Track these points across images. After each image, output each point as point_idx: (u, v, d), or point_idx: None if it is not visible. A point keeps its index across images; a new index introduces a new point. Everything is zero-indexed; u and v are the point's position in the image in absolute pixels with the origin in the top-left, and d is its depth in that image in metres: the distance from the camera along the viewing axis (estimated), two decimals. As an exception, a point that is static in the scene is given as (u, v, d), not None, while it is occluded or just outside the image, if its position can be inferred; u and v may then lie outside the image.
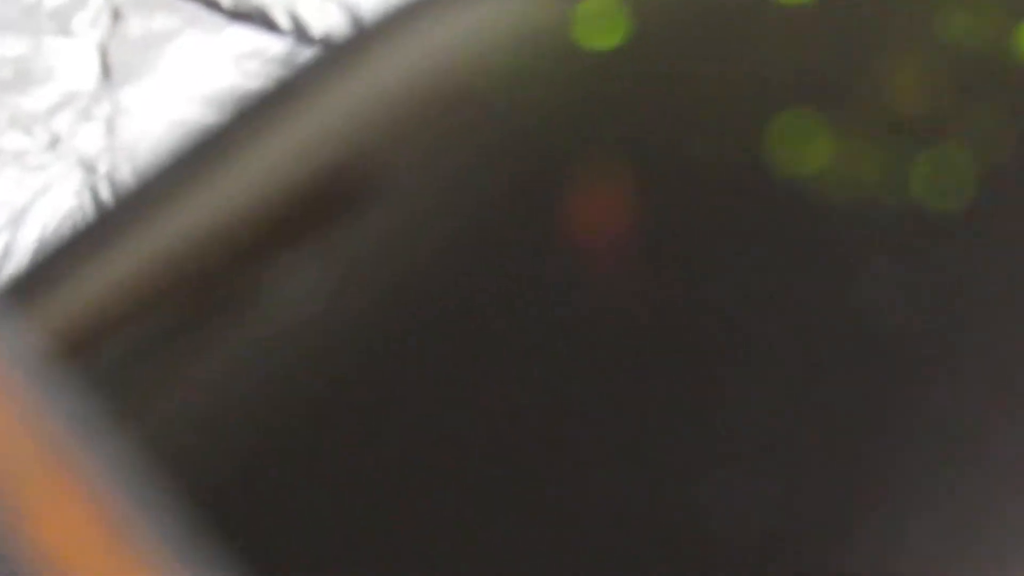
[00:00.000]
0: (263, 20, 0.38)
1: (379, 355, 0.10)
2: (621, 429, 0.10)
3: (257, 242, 0.10)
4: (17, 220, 0.38)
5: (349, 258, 0.10)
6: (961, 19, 0.10)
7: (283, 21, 0.39)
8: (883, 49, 0.10)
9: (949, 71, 0.10)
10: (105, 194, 0.38)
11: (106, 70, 0.37)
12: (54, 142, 0.37)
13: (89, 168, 0.38)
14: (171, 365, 0.10)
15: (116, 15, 0.39)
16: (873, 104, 0.10)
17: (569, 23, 0.11)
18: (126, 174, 0.38)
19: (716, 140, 0.10)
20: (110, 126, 0.38)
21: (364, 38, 0.12)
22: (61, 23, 0.38)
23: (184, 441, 0.09)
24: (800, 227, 0.10)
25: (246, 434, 0.09)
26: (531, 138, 0.10)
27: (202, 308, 0.10)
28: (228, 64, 0.36)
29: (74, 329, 0.10)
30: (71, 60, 0.38)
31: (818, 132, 0.10)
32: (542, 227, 0.09)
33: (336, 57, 0.11)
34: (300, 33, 0.39)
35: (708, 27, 0.10)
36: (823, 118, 0.10)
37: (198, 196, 0.11)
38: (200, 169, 0.11)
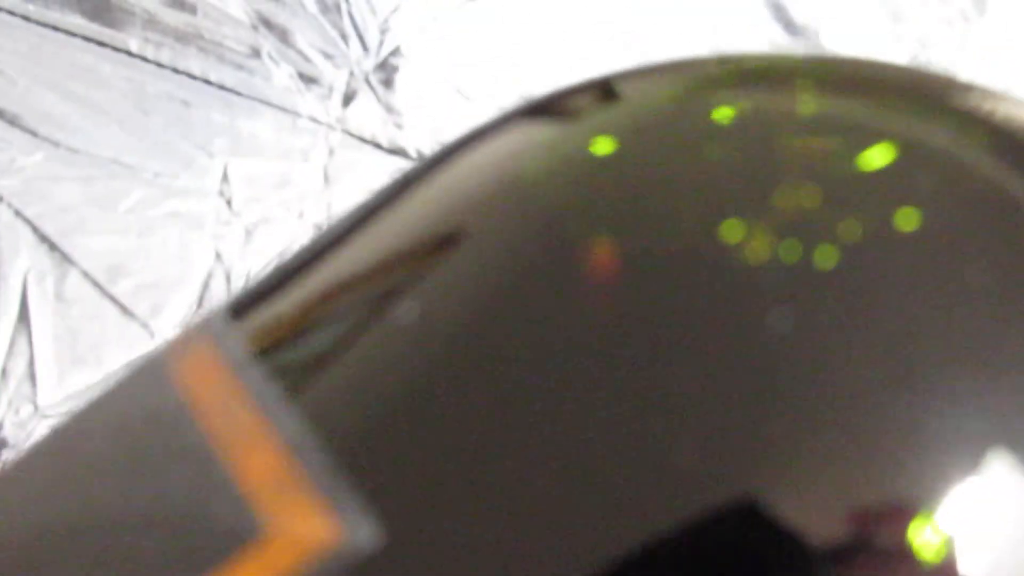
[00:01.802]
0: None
1: (463, 356, 0.13)
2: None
3: (388, 274, 0.14)
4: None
5: (454, 283, 0.14)
6: (827, 145, 0.14)
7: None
8: (775, 168, 0.13)
9: (820, 180, 0.13)
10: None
11: (327, 179, 0.50)
12: (300, 214, 0.48)
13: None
14: (329, 360, 0.13)
15: (331, 152, 0.50)
16: (772, 205, 0.13)
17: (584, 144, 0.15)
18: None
19: (671, 227, 0.13)
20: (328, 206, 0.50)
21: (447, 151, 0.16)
22: (304, 157, 0.49)
23: (334, 413, 0.13)
24: (725, 282, 0.13)
25: (380, 409, 0.13)
26: (552, 223, 0.14)
27: (345, 320, 0.14)
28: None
29: (267, 336, 0.14)
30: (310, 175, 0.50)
31: (735, 221, 0.13)
32: (562, 283, 0.13)
33: (432, 162, 0.16)
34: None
35: (668, 147, 0.15)
36: (738, 212, 0.13)
37: (344, 251, 0.15)
38: (345, 234, 0.15)
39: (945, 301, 0.12)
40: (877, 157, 0.13)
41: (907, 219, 0.12)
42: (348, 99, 0.47)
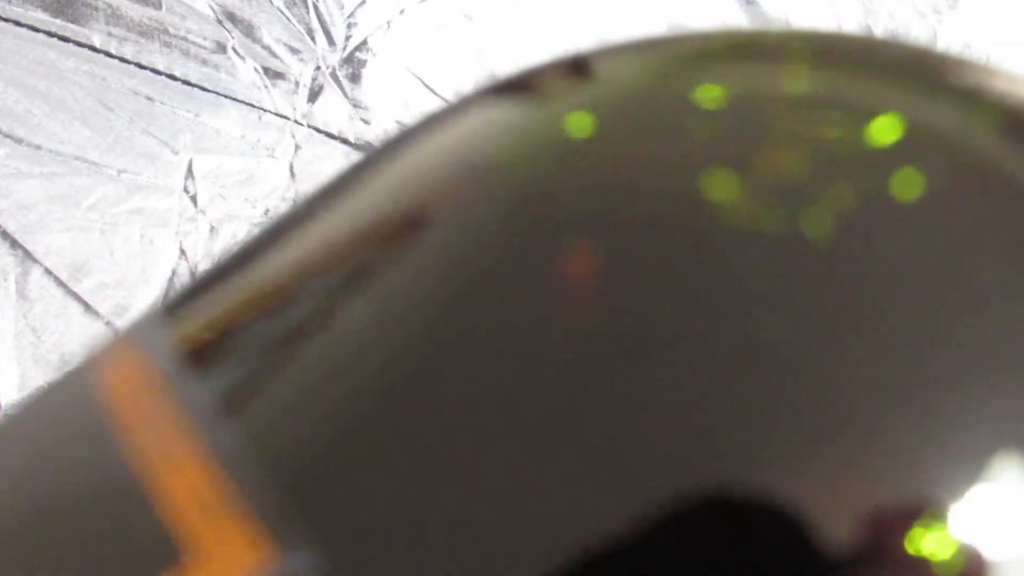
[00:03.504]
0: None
1: (416, 358, 0.12)
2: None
3: (328, 276, 0.13)
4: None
5: (398, 287, 0.12)
6: (825, 117, 0.13)
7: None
8: (770, 138, 0.13)
9: (817, 151, 0.12)
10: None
11: (293, 175, 0.49)
12: (266, 210, 0.49)
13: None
14: (269, 367, 0.12)
15: (298, 147, 0.49)
16: (764, 172, 0.12)
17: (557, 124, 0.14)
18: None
19: (658, 196, 0.12)
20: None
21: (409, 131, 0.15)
22: (270, 152, 0.49)
23: (272, 426, 0.12)
24: (715, 250, 0.12)
25: (323, 424, 0.12)
26: (525, 203, 0.13)
27: (289, 322, 0.13)
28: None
29: (201, 339, 0.13)
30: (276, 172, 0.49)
31: (726, 190, 0.12)
32: (536, 275, 0.12)
33: (390, 145, 0.15)
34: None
35: (652, 125, 0.13)
36: (730, 180, 0.12)
37: (290, 246, 0.14)
38: (289, 223, 0.14)
39: (958, 299, 0.12)
40: (877, 133, 0.12)
41: (910, 187, 0.12)
42: (314, 94, 0.47)
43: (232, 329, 0.13)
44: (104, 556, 0.12)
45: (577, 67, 0.15)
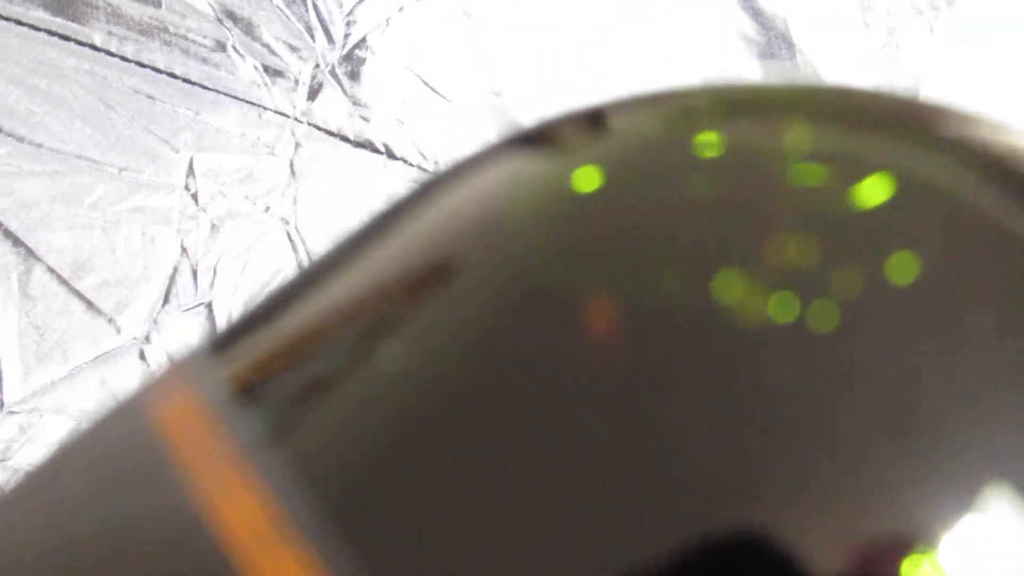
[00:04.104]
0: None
1: (455, 393, 0.13)
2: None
3: (373, 314, 0.14)
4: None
5: (437, 327, 0.13)
6: (814, 182, 0.14)
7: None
8: (765, 214, 0.14)
9: (813, 226, 0.13)
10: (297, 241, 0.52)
11: (293, 172, 0.50)
12: (267, 208, 0.49)
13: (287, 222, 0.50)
14: (314, 403, 0.13)
15: (298, 145, 0.50)
16: (765, 255, 0.13)
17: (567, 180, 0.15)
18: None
19: (661, 260, 0.13)
20: (296, 202, 0.51)
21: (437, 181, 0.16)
22: (270, 150, 0.49)
23: (320, 455, 0.13)
24: (722, 336, 0.13)
25: (368, 455, 0.12)
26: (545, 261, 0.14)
27: (330, 361, 0.14)
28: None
29: (249, 375, 0.14)
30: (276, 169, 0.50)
31: (730, 275, 0.13)
32: (548, 333, 0.13)
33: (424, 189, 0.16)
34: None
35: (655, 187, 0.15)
36: (732, 263, 0.13)
37: (328, 290, 0.15)
38: (329, 272, 0.16)
39: (945, 344, 0.12)
40: (873, 194, 0.13)
41: (905, 266, 0.12)
42: (314, 92, 0.47)
43: (277, 367, 0.14)
44: None
45: (588, 123, 0.16)
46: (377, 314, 0.14)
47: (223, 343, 0.15)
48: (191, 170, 0.45)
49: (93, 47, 0.46)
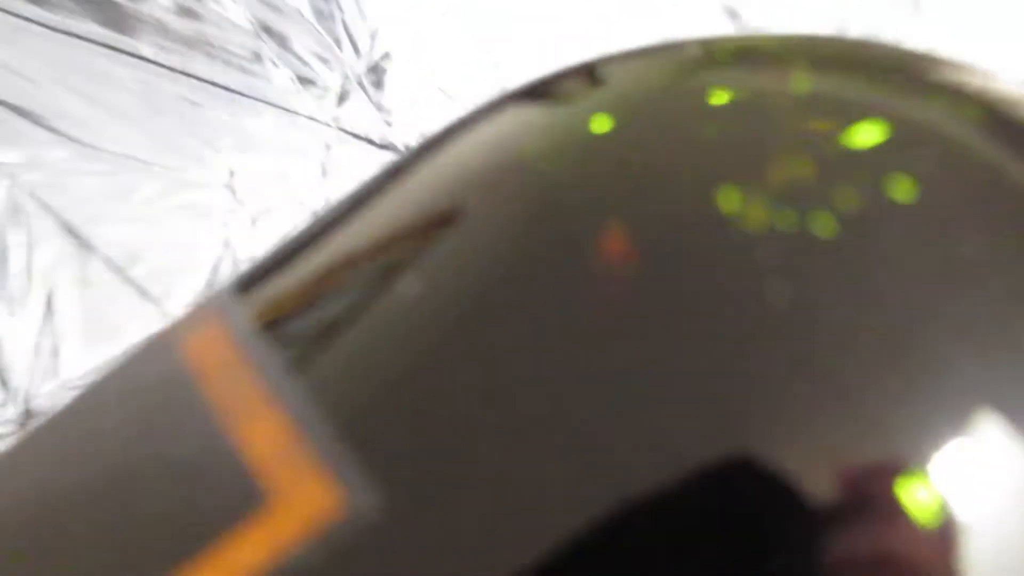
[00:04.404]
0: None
1: (459, 321, 0.13)
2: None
3: (389, 250, 0.14)
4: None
5: (452, 257, 0.14)
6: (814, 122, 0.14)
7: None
8: (775, 141, 0.14)
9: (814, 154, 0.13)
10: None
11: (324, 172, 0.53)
12: (301, 203, 0.52)
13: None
14: (332, 333, 0.13)
15: (328, 147, 0.52)
16: (770, 174, 0.13)
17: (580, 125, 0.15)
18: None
19: (672, 190, 0.14)
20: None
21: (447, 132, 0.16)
22: (303, 152, 0.51)
23: (337, 385, 0.13)
24: (726, 245, 0.13)
25: (381, 381, 0.13)
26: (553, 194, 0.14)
27: (346, 296, 0.14)
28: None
29: (271, 310, 0.14)
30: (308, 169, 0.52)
31: (733, 197, 0.13)
32: (565, 258, 0.13)
33: (427, 145, 0.16)
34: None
35: (665, 123, 0.15)
36: (737, 182, 0.13)
37: (345, 229, 0.15)
38: (346, 214, 0.16)
39: (939, 268, 0.12)
40: (871, 133, 0.13)
41: (902, 188, 0.12)
42: (342, 99, 0.50)
43: (298, 303, 0.14)
44: (194, 500, 0.12)
45: (592, 73, 0.15)
46: (392, 250, 0.14)
47: (249, 283, 0.15)
48: (231, 170, 0.48)
49: (142, 58, 0.49)
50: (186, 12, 0.50)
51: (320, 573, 0.11)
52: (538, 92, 0.16)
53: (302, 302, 0.14)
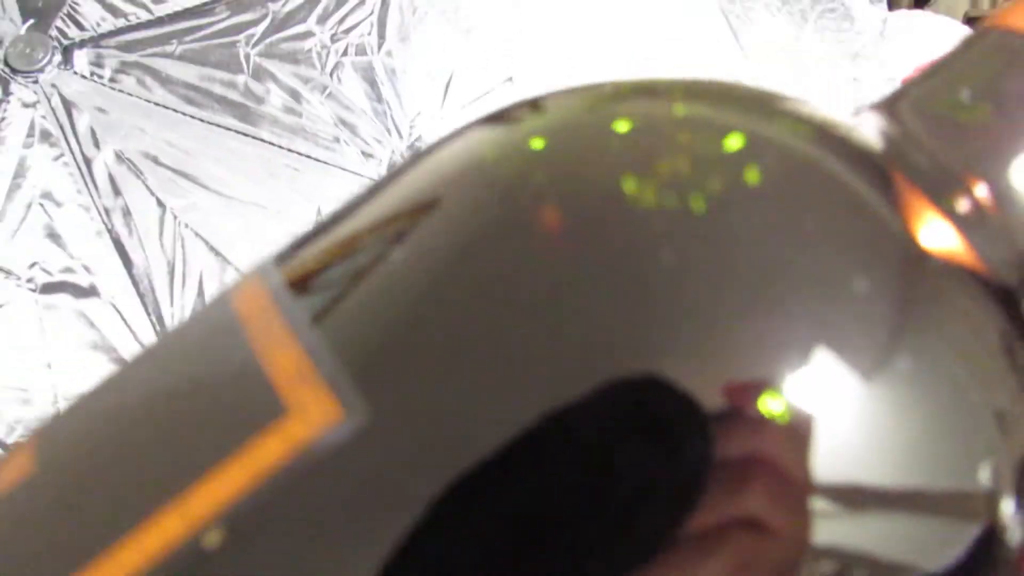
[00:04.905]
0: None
1: (448, 285, 0.13)
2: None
3: (384, 232, 0.14)
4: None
5: (425, 238, 0.14)
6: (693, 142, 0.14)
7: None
8: (663, 148, 0.14)
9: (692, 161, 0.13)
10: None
11: None
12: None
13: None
14: (340, 291, 0.13)
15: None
16: (661, 170, 0.13)
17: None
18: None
19: (590, 183, 0.14)
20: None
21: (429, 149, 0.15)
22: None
23: (343, 328, 0.13)
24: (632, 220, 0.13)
25: (375, 324, 0.13)
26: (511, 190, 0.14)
27: (356, 264, 0.14)
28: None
29: (297, 274, 0.14)
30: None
31: (636, 182, 0.13)
32: (514, 230, 0.14)
33: (414, 159, 0.16)
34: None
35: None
36: (638, 175, 0.13)
37: (352, 217, 0.15)
38: (355, 206, 0.16)
39: (783, 233, 0.13)
40: (731, 141, 0.14)
41: (754, 178, 0.13)
42: (391, 167, 0.60)
43: (315, 269, 0.15)
44: (233, 409, 0.14)
45: (534, 104, 0.17)
46: (385, 228, 0.15)
47: (283, 256, 0.16)
48: (319, 212, 0.59)
49: (262, 140, 0.60)
50: (290, 111, 0.61)
51: (324, 464, 0.12)
52: (496, 117, 0.17)
53: (318, 269, 0.15)
